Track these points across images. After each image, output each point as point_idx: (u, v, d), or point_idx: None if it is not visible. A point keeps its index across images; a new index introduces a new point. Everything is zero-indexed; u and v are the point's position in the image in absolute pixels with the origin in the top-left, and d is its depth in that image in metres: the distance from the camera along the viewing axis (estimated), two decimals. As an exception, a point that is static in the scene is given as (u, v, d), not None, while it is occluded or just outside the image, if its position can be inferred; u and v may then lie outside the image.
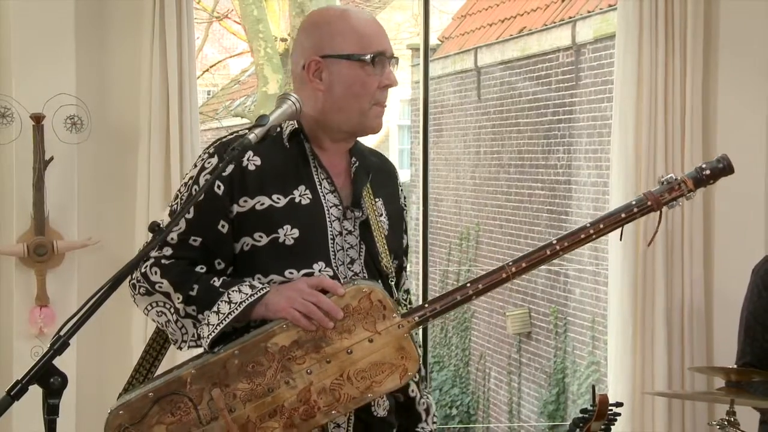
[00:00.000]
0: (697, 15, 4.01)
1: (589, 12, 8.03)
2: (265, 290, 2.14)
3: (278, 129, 2.25)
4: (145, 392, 2.17)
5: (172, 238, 2.19)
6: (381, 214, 2.32)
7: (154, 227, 2.13)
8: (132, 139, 3.91)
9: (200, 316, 2.16)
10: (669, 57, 4.02)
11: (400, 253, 2.37)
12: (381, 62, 2.24)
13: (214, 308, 2.14)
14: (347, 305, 2.15)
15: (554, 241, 2.24)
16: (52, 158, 3.77)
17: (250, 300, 2.13)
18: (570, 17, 8.31)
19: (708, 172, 2.25)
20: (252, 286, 2.15)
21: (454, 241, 10.26)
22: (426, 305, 2.21)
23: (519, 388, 8.94)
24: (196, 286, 2.16)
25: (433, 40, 10.56)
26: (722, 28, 4.09)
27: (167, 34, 3.84)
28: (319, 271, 2.20)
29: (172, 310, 2.18)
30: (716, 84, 4.10)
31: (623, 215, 2.25)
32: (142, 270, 2.19)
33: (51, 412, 1.84)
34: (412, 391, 2.35)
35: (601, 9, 7.86)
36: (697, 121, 4.03)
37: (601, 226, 2.24)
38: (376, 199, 2.32)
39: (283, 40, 9.78)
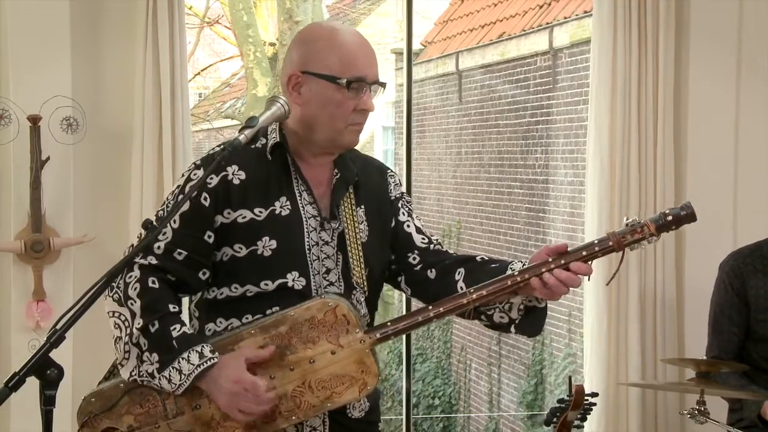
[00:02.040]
0: (668, 21, 4.04)
1: (565, 18, 8.00)
2: (212, 362, 2.14)
3: (263, 142, 2.26)
4: (118, 382, 2.22)
5: (158, 247, 2.19)
6: (361, 222, 2.32)
7: (147, 224, 2.15)
8: (126, 139, 3.92)
9: (145, 355, 2.15)
10: (642, 61, 4.05)
11: (381, 255, 2.37)
12: (358, 87, 2.23)
13: (166, 373, 2.13)
14: (312, 317, 2.18)
15: (516, 273, 2.22)
16: (48, 158, 3.77)
17: (197, 372, 2.13)
18: (547, 23, 8.30)
19: (670, 218, 2.21)
20: (201, 354, 2.14)
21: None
22: (389, 323, 2.23)
23: (499, 379, 8.91)
24: (156, 324, 2.15)
25: (416, 45, 10.55)
26: (693, 34, 4.13)
27: (160, 38, 3.85)
28: (293, 280, 2.22)
29: (128, 331, 2.16)
30: (687, 87, 4.14)
31: (584, 253, 2.21)
32: (127, 279, 2.18)
33: (48, 402, 1.86)
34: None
35: (577, 15, 7.85)
36: (668, 122, 4.06)
37: (562, 261, 2.20)
38: (358, 208, 2.33)
39: (272, 44, 9.79)
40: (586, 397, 2.92)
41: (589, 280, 2.29)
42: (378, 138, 11.89)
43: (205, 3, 10.78)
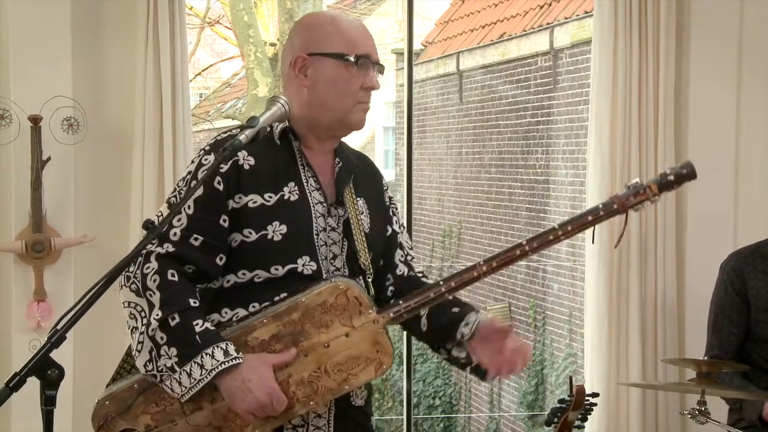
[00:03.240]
0: (669, 21, 4.05)
1: (566, 18, 8.02)
2: (237, 362, 2.12)
3: (269, 128, 2.26)
4: (131, 383, 2.20)
5: (174, 234, 2.18)
6: (362, 213, 2.35)
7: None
8: (126, 139, 3.92)
9: (162, 349, 2.12)
10: (643, 61, 4.05)
11: (380, 248, 2.39)
12: (365, 65, 2.28)
13: (187, 368, 2.11)
14: (324, 302, 2.18)
15: (524, 243, 2.24)
16: (49, 158, 3.77)
17: (220, 369, 2.11)
18: (548, 23, 8.31)
19: (672, 177, 2.24)
20: (226, 352, 2.12)
21: (437, 239, 10.27)
22: (401, 302, 2.24)
23: (499, 379, 8.91)
24: (177, 317, 2.13)
25: (417, 45, 10.57)
26: (693, 34, 4.14)
27: (160, 38, 3.85)
28: (303, 265, 2.22)
29: (145, 322, 2.14)
30: (688, 87, 4.15)
31: (590, 218, 2.24)
32: (144, 270, 2.15)
33: (48, 403, 1.85)
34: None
35: (577, 15, 7.86)
36: (669, 123, 4.07)
37: (569, 228, 2.24)
38: (358, 199, 2.35)
39: (273, 44, 9.79)
40: (586, 398, 2.95)
41: (593, 242, 2.32)
42: (379, 138, 11.91)
43: (206, 3, 10.79)
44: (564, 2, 8.33)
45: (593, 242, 2.30)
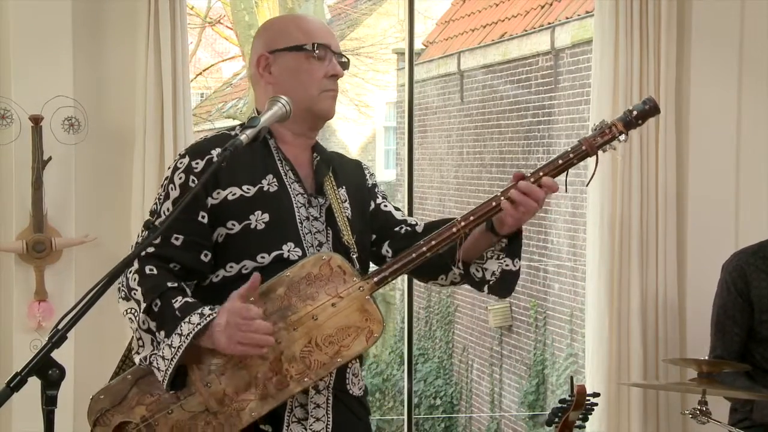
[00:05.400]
0: (670, 21, 4.05)
1: (567, 18, 8.04)
2: (211, 317, 2.12)
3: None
4: (124, 375, 2.21)
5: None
6: (344, 200, 2.37)
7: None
8: (128, 139, 3.92)
9: (157, 335, 2.15)
10: (644, 61, 4.05)
11: (366, 228, 2.42)
12: (324, 53, 2.33)
13: (168, 341, 2.12)
14: (308, 273, 2.18)
15: (499, 194, 2.27)
16: (50, 158, 3.78)
17: (196, 329, 2.11)
18: (549, 23, 8.33)
19: (635, 113, 2.27)
20: (201, 314, 2.13)
21: (438, 239, 10.29)
22: (384, 266, 2.25)
23: (500, 379, 8.95)
24: (158, 302, 2.15)
25: (418, 45, 10.58)
26: (694, 34, 4.14)
27: (161, 38, 3.85)
28: (289, 251, 2.24)
29: (137, 319, 2.17)
30: (689, 86, 4.14)
31: (560, 162, 2.28)
32: (128, 275, 2.19)
33: (49, 403, 1.85)
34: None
35: (578, 15, 7.88)
36: (670, 122, 4.06)
37: (541, 173, 2.28)
38: (339, 189, 2.38)
39: (273, 44, 9.82)
40: (587, 398, 2.95)
41: (566, 191, 2.36)
42: (379, 138, 11.93)
43: (207, 3, 10.82)
44: (565, 2, 8.35)
45: (566, 191, 2.31)
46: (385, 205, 2.50)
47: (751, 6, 4.20)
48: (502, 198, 2.26)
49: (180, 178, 2.24)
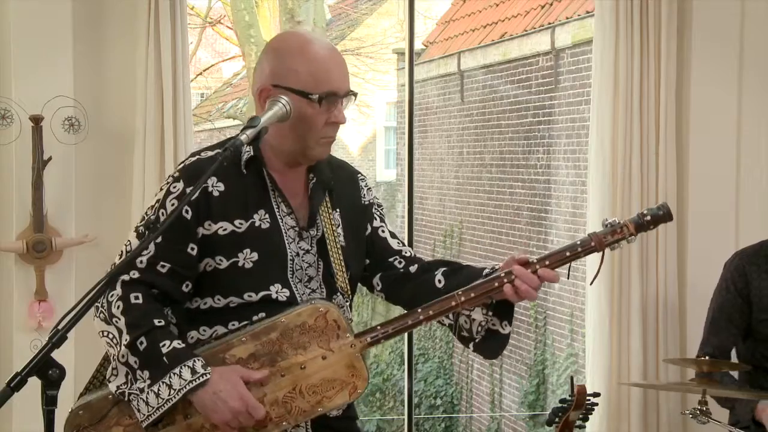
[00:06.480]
0: (670, 21, 4.05)
1: (567, 18, 8.04)
2: (204, 378, 2.12)
3: (238, 156, 2.24)
4: (106, 394, 2.19)
5: (141, 261, 2.17)
6: (338, 226, 2.34)
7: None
8: (128, 139, 3.92)
9: (137, 373, 2.13)
10: (644, 61, 4.05)
11: (360, 261, 2.40)
12: (330, 102, 2.23)
13: (155, 388, 2.11)
14: (303, 323, 2.19)
15: (502, 275, 2.26)
16: (50, 158, 3.79)
17: (188, 387, 2.11)
18: (549, 23, 8.33)
19: (648, 218, 2.31)
20: (193, 370, 2.12)
21: (438, 238, 10.30)
22: (379, 327, 2.25)
23: (501, 379, 8.94)
24: (143, 341, 2.13)
25: (418, 45, 10.58)
26: (695, 34, 4.15)
27: (162, 38, 3.85)
28: (277, 293, 2.23)
29: (118, 349, 2.14)
30: (689, 86, 4.15)
31: (568, 253, 2.29)
32: (109, 298, 2.15)
33: (49, 403, 1.86)
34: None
35: (579, 15, 7.88)
36: (671, 123, 4.07)
37: (547, 262, 2.27)
38: (334, 211, 2.34)
39: (274, 44, 9.82)
40: (588, 397, 2.97)
41: (568, 278, 2.36)
42: (380, 138, 11.94)
43: (207, 3, 10.82)
44: (565, 2, 8.35)
45: (568, 278, 2.35)
46: (383, 231, 2.46)
47: (751, 6, 4.21)
48: (506, 280, 2.26)
49: (172, 204, 2.20)
